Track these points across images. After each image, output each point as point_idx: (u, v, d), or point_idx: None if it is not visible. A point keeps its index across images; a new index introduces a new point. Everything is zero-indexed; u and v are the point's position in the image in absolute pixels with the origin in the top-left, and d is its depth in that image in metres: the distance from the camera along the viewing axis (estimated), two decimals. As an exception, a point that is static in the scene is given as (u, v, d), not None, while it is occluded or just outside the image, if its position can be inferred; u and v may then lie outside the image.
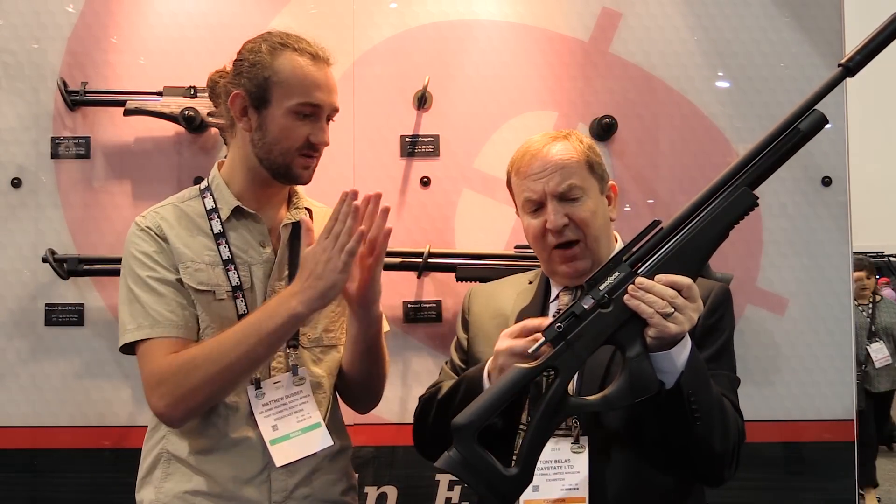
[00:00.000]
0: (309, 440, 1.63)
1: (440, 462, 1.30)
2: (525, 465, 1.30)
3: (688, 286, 1.29)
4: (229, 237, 1.64)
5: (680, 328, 1.27)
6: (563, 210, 1.49)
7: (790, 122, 1.33)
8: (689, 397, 1.30)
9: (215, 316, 1.62)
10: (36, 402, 2.34)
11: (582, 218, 1.49)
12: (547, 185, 1.50)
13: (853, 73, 1.35)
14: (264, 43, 1.63)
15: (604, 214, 1.54)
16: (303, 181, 1.66)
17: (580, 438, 1.42)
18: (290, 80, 1.59)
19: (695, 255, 1.33)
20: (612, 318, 1.31)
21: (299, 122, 1.60)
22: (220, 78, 1.68)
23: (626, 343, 1.31)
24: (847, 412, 2.39)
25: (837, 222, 2.42)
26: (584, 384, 1.45)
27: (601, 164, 1.55)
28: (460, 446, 1.29)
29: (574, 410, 1.33)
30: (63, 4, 2.39)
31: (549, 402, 1.30)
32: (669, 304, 1.27)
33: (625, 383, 1.29)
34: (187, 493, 1.60)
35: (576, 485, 1.38)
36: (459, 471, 1.29)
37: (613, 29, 2.43)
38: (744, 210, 1.35)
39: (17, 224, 2.36)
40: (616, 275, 1.32)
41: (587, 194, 1.51)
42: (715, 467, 1.39)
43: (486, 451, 1.30)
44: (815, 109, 1.34)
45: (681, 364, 1.30)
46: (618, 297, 1.31)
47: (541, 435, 1.31)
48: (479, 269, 2.26)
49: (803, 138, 1.34)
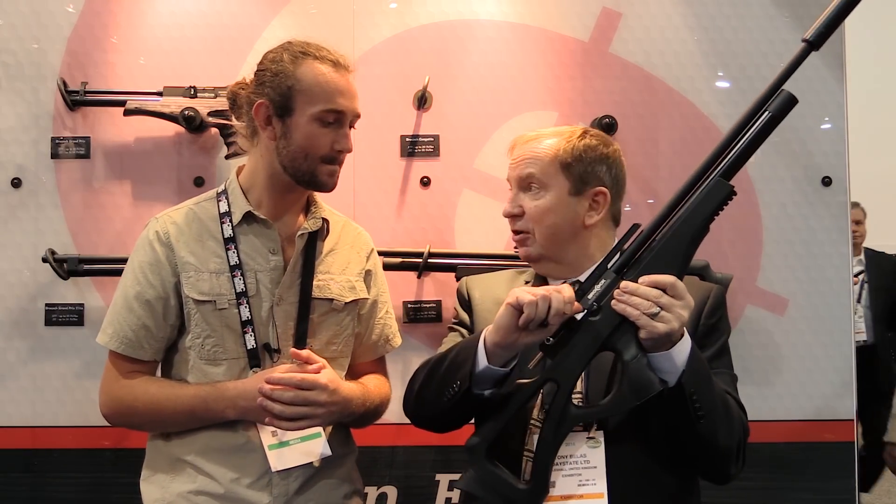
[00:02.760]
0: (307, 449, 1.64)
1: (460, 483, 1.38)
2: (539, 478, 1.34)
3: (671, 284, 1.30)
4: (239, 242, 1.66)
5: (668, 326, 1.28)
6: (518, 200, 1.54)
7: (759, 106, 1.33)
8: (690, 395, 1.31)
9: (216, 325, 1.64)
10: (36, 402, 2.34)
11: (529, 211, 1.52)
12: (513, 171, 1.55)
13: (817, 47, 1.32)
14: (286, 52, 1.64)
15: (566, 215, 1.51)
16: (328, 188, 1.68)
17: (596, 433, 1.42)
18: (314, 88, 1.61)
19: (678, 251, 1.34)
20: (603, 324, 1.33)
21: (323, 130, 1.62)
22: (240, 90, 1.69)
23: (622, 347, 1.32)
24: (847, 412, 2.39)
25: (837, 222, 2.42)
26: (591, 388, 1.45)
27: (587, 168, 1.52)
28: (474, 465, 1.35)
29: (578, 420, 1.36)
30: (63, 4, 2.39)
31: (552, 413, 1.33)
32: (654, 303, 1.28)
33: (625, 387, 1.31)
34: (191, 493, 1.62)
35: (593, 479, 1.39)
36: (476, 488, 1.36)
37: (613, 29, 2.43)
38: (720, 201, 1.34)
39: (17, 224, 2.36)
40: (602, 282, 1.35)
41: (546, 190, 1.51)
42: (720, 464, 1.40)
43: (501, 467, 1.36)
44: (783, 90, 1.32)
45: (681, 363, 1.31)
46: (606, 303, 1.33)
47: (549, 446, 1.34)
48: (478, 269, 2.26)
49: (774, 120, 1.32)
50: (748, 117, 1.33)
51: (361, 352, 1.82)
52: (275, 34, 2.33)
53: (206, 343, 1.64)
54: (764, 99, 1.32)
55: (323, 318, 1.71)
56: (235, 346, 1.65)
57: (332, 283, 1.72)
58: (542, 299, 1.29)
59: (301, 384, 1.56)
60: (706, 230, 1.35)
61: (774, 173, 2.42)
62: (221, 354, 1.65)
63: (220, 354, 1.65)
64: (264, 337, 1.66)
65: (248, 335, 1.64)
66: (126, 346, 1.65)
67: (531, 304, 1.29)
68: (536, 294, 1.30)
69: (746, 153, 1.34)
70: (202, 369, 1.65)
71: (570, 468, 1.39)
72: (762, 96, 1.32)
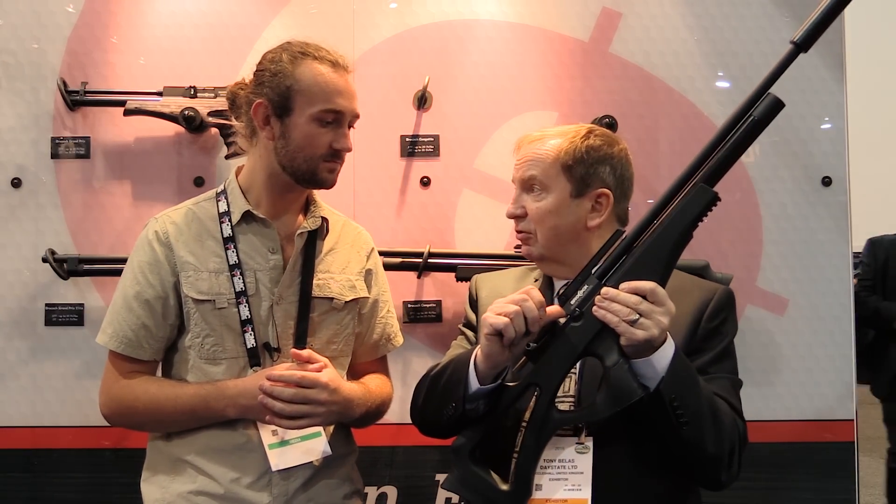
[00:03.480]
0: (308, 448, 1.64)
1: (445, 483, 1.41)
2: (521, 480, 1.35)
3: (651, 290, 1.30)
4: (238, 241, 1.66)
5: (648, 333, 1.28)
6: (521, 201, 1.54)
7: (744, 111, 1.31)
8: (671, 402, 1.31)
9: (215, 325, 1.64)
10: (36, 402, 2.34)
11: (531, 212, 1.52)
12: (516, 172, 1.55)
13: (805, 49, 1.30)
14: (284, 52, 1.65)
15: (567, 217, 1.51)
16: (328, 185, 1.68)
17: (585, 439, 1.42)
18: (312, 88, 1.61)
19: (659, 258, 1.33)
20: (584, 330, 1.33)
21: (322, 129, 1.63)
22: (239, 90, 1.69)
23: (604, 353, 1.33)
24: (847, 412, 2.39)
25: (837, 222, 2.42)
26: (584, 385, 1.45)
27: (589, 170, 1.50)
28: (458, 467, 1.38)
29: (560, 424, 1.36)
30: (63, 4, 2.39)
31: (534, 417, 1.34)
32: (633, 310, 1.28)
33: (606, 393, 1.31)
34: (191, 494, 1.62)
35: (579, 485, 1.38)
36: (459, 489, 1.39)
37: (613, 29, 2.43)
38: (703, 207, 1.34)
39: (17, 224, 2.36)
40: (585, 287, 1.35)
41: (547, 192, 1.51)
42: (710, 471, 1.39)
43: (485, 470, 1.37)
44: (769, 94, 1.31)
45: (661, 369, 1.30)
46: (587, 309, 1.33)
47: (532, 450, 1.35)
48: (478, 269, 2.26)
49: (759, 125, 1.31)
50: (733, 121, 1.31)
51: (363, 351, 1.82)
52: (275, 34, 2.33)
53: (206, 342, 1.64)
54: (750, 102, 1.30)
55: (323, 318, 1.71)
56: (235, 345, 1.65)
57: (331, 282, 1.72)
58: (515, 316, 1.32)
59: (302, 382, 1.56)
60: (690, 236, 1.34)
61: (774, 173, 2.42)
62: (221, 354, 1.65)
63: (219, 354, 1.65)
64: (264, 336, 1.66)
65: (248, 334, 1.64)
66: (126, 345, 1.65)
67: (507, 326, 1.32)
68: (509, 312, 1.32)
69: (731, 158, 1.33)
70: (202, 369, 1.65)
71: (557, 473, 1.39)
72: (748, 100, 1.30)
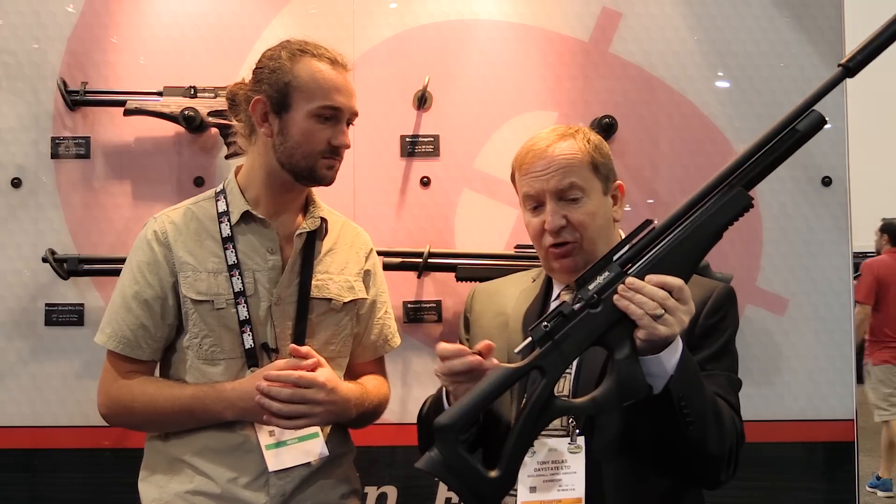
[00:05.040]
0: (305, 449, 1.64)
1: (421, 462, 1.28)
2: (507, 468, 1.27)
3: (679, 287, 1.26)
4: (237, 241, 1.66)
5: (670, 331, 1.24)
6: (561, 211, 1.48)
7: (788, 123, 1.30)
8: (679, 402, 1.28)
9: (213, 325, 1.64)
10: (36, 402, 2.34)
11: (579, 220, 1.48)
12: (547, 183, 1.48)
13: (853, 74, 1.32)
14: (283, 50, 1.66)
15: (605, 215, 1.52)
16: (326, 182, 1.68)
17: (577, 438, 1.40)
18: (310, 85, 1.62)
19: (687, 255, 1.30)
20: (602, 318, 1.28)
21: (320, 126, 1.63)
22: (239, 89, 1.70)
23: (615, 345, 1.28)
24: (847, 412, 2.39)
25: (837, 222, 2.42)
26: (581, 385, 1.44)
27: (607, 164, 1.53)
28: (441, 447, 1.26)
29: (560, 412, 1.31)
30: (63, 4, 2.39)
31: (534, 403, 1.27)
32: (660, 305, 1.24)
33: (613, 386, 1.26)
34: (188, 493, 1.62)
35: (572, 485, 1.37)
36: (440, 471, 1.27)
37: (613, 29, 2.43)
38: (738, 211, 1.31)
39: (17, 224, 2.36)
40: (606, 274, 1.29)
41: (587, 195, 1.49)
42: (710, 470, 1.38)
43: (469, 454, 1.28)
44: (813, 110, 1.31)
45: (670, 368, 1.27)
46: (607, 297, 1.28)
47: (525, 437, 1.28)
48: (479, 269, 2.26)
49: (801, 139, 1.30)
50: (775, 132, 1.31)
51: (360, 352, 1.82)
52: (275, 34, 2.33)
53: (204, 343, 1.64)
54: (794, 116, 1.30)
55: (321, 318, 1.71)
56: (233, 345, 1.65)
57: (330, 282, 1.72)
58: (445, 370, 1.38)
59: (299, 381, 1.56)
60: (719, 237, 1.32)
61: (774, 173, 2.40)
62: (219, 354, 1.65)
63: (217, 354, 1.65)
64: (262, 336, 1.66)
65: (246, 335, 1.63)
66: (124, 345, 1.65)
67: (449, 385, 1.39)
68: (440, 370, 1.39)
69: (770, 167, 1.32)
70: (200, 369, 1.65)
71: (550, 474, 1.37)
72: (792, 113, 1.30)
